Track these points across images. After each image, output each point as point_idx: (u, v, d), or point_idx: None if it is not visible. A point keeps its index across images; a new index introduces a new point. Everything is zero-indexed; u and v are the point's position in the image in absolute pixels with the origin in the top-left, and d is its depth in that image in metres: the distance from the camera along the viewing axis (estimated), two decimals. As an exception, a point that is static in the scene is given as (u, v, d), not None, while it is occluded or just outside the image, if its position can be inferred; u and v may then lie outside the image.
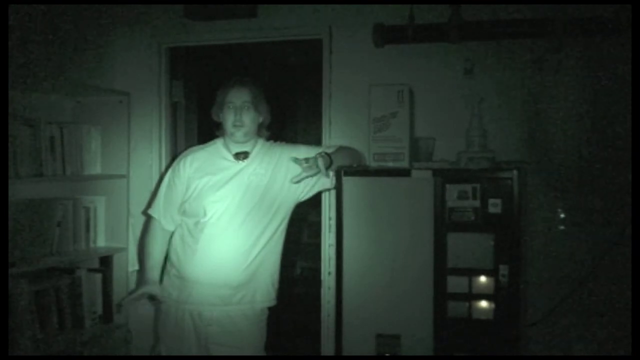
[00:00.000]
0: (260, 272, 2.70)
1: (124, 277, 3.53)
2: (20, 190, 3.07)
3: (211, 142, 2.86)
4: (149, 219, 2.89)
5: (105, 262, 3.53)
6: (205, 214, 2.66)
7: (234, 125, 2.68)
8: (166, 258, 2.83)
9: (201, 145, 2.94)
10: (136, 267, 3.61)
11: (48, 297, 3.13)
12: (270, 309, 2.79)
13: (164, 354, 2.75)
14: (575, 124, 3.16)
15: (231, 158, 2.73)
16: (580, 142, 3.14)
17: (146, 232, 2.90)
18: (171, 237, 2.81)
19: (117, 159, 3.56)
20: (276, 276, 2.79)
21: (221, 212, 2.66)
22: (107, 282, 3.49)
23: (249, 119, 2.70)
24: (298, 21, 3.53)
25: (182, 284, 2.70)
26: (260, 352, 2.75)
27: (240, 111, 2.68)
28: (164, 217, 2.79)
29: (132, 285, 3.56)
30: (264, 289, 2.73)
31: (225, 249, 2.65)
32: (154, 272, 2.81)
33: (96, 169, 3.52)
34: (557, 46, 3.10)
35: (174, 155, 2.95)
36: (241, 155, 2.73)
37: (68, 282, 3.26)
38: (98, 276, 3.46)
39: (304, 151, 2.78)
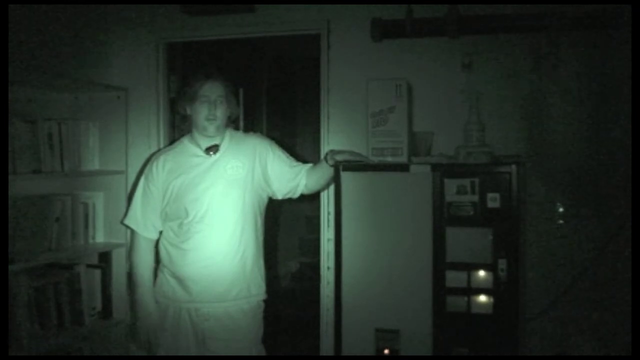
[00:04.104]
0: (250, 264, 2.71)
1: (123, 273, 3.52)
2: (18, 187, 3.06)
3: (177, 142, 2.85)
4: (133, 231, 2.80)
5: (104, 258, 3.53)
6: (187, 214, 2.65)
7: (208, 119, 2.66)
8: (157, 258, 2.80)
9: (168, 147, 2.94)
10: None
11: (47, 293, 3.14)
12: (266, 302, 2.80)
13: (162, 352, 2.74)
14: (574, 117, 3.16)
15: (201, 153, 2.71)
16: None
17: (132, 246, 2.80)
18: (158, 240, 2.79)
19: (115, 154, 3.57)
20: (263, 269, 2.80)
21: (204, 210, 2.65)
22: (106, 278, 3.50)
23: (222, 113, 2.69)
24: (296, 16, 3.52)
25: (177, 283, 2.69)
26: (258, 345, 2.75)
27: (214, 105, 2.67)
28: (145, 226, 2.74)
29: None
30: (257, 281, 2.74)
31: (214, 245, 2.65)
32: (147, 298, 2.73)
33: (94, 164, 3.52)
34: (555, 40, 3.10)
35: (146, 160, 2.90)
36: (212, 149, 2.71)
37: (67, 278, 3.26)
38: (97, 272, 3.46)
39: (285, 159, 2.80)
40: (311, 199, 3.30)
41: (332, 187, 2.90)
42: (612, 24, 2.99)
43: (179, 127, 2.87)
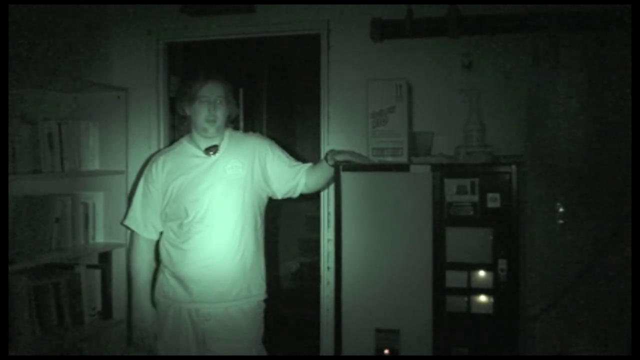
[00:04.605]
0: (250, 264, 2.71)
1: (123, 273, 3.52)
2: (18, 187, 3.06)
3: (176, 143, 2.85)
4: (133, 231, 2.80)
5: (104, 258, 3.53)
6: (187, 215, 2.65)
7: (208, 120, 2.65)
8: (158, 258, 2.80)
9: (167, 147, 2.94)
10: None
11: (47, 293, 3.13)
12: (266, 302, 2.80)
13: (162, 353, 2.74)
14: (574, 117, 3.16)
15: (201, 154, 2.71)
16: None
17: (131, 246, 2.81)
18: (158, 240, 2.79)
19: (116, 154, 3.57)
20: (264, 269, 2.80)
21: (204, 210, 2.64)
22: (106, 278, 3.50)
23: (222, 114, 2.69)
24: (296, 16, 3.52)
25: (178, 283, 2.69)
26: (258, 345, 2.76)
27: (214, 106, 2.66)
28: (145, 227, 2.74)
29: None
30: (257, 282, 2.75)
31: (214, 245, 2.65)
32: (142, 298, 2.74)
33: (94, 164, 3.52)
34: (555, 40, 3.10)
35: (146, 161, 2.90)
36: (211, 150, 2.71)
37: (67, 278, 3.26)
38: (97, 272, 3.46)
39: (285, 159, 2.80)
40: (311, 199, 3.30)
41: (332, 187, 2.90)
42: (612, 24, 2.98)
43: (178, 128, 2.87)
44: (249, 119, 5.51)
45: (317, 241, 3.55)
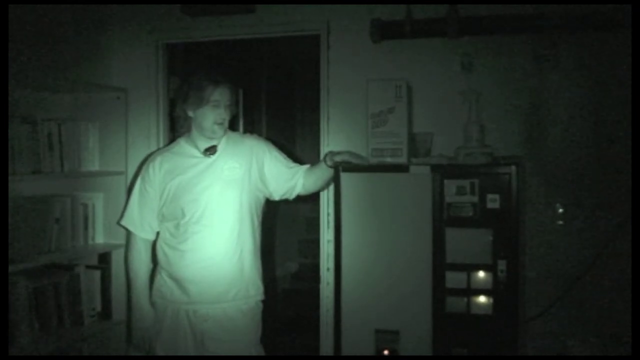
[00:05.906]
0: (248, 265, 2.71)
1: (122, 274, 3.51)
2: (18, 187, 3.06)
3: (174, 143, 2.85)
4: (129, 231, 2.80)
5: (104, 258, 3.53)
6: (184, 215, 2.65)
7: (218, 123, 2.66)
8: (154, 259, 2.80)
9: (164, 147, 2.94)
10: None
11: (47, 294, 3.14)
12: (266, 303, 2.80)
13: (160, 353, 2.74)
14: (574, 118, 3.16)
15: (199, 154, 2.71)
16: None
17: (128, 247, 2.80)
18: (155, 241, 2.79)
19: (115, 155, 3.57)
20: (260, 269, 2.80)
21: (202, 210, 2.64)
22: (105, 279, 3.50)
23: (228, 116, 2.71)
24: (296, 16, 3.52)
25: (175, 284, 2.69)
26: (256, 345, 2.76)
27: (224, 110, 2.68)
28: (142, 227, 2.74)
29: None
30: (255, 282, 2.75)
31: (213, 245, 2.65)
32: (142, 299, 2.74)
33: (94, 165, 3.52)
34: (555, 41, 3.10)
35: (142, 161, 2.90)
36: (210, 150, 2.71)
37: (67, 279, 3.26)
38: (97, 273, 3.46)
39: (282, 160, 2.81)
40: (311, 200, 3.30)
41: (331, 188, 2.90)
42: (612, 24, 2.98)
43: (179, 131, 2.86)
44: (248, 119, 5.51)
45: (317, 242, 3.55)
